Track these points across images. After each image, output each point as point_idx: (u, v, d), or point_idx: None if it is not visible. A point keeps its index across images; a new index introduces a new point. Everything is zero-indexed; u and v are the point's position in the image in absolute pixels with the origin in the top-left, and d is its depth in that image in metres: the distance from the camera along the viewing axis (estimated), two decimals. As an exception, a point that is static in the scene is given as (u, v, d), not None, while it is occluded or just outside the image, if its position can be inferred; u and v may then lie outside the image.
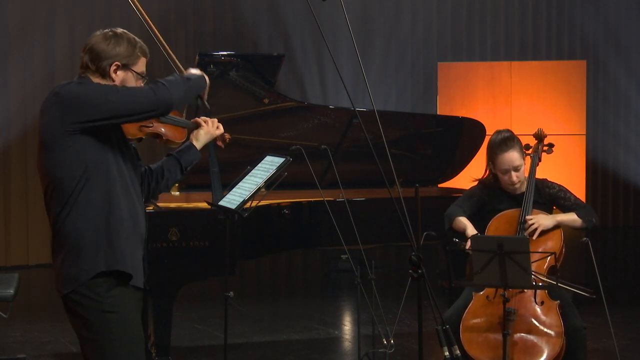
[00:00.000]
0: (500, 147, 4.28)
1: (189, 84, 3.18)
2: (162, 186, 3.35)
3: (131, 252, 3.01)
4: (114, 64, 3.02)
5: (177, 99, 3.06)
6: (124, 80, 3.04)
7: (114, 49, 3.02)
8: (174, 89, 3.05)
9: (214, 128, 3.45)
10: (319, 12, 2.91)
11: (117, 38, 3.06)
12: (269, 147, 5.21)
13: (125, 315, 2.97)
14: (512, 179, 4.28)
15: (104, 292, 2.92)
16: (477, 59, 8.93)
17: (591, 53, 9.07)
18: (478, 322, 4.01)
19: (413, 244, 2.78)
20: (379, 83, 8.99)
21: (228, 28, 8.91)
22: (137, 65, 3.08)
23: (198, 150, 3.39)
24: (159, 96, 2.98)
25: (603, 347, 5.62)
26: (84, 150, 2.91)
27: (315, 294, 8.29)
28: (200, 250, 4.57)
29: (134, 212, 3.04)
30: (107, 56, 3.01)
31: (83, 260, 2.91)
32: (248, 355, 5.75)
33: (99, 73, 3.02)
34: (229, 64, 5.07)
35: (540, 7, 9.18)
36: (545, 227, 4.17)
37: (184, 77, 3.19)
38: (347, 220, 4.55)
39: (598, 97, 9.02)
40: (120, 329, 2.95)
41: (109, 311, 2.93)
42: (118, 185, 2.98)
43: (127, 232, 2.99)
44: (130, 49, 3.06)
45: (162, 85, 3.02)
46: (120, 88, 2.99)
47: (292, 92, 8.13)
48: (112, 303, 2.93)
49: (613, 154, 9.07)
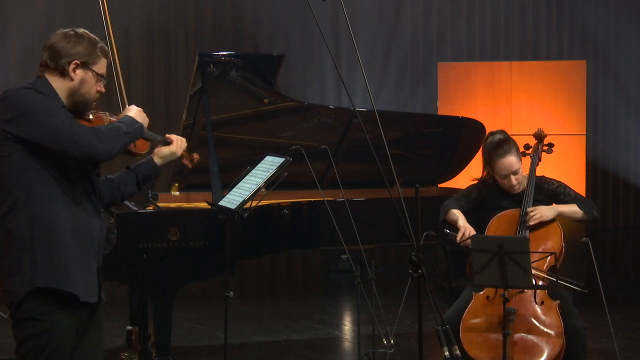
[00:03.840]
0: (497, 152, 4.26)
1: (126, 139, 3.07)
2: (117, 199, 3.31)
3: (80, 267, 2.96)
4: (74, 62, 3.00)
5: (104, 154, 2.97)
6: (83, 80, 3.02)
7: (74, 48, 3.01)
8: (109, 143, 2.97)
9: (180, 148, 3.38)
10: (319, 12, 2.90)
11: (78, 37, 3.03)
12: (269, 147, 5.22)
13: (55, 334, 2.92)
14: (511, 183, 4.28)
15: (37, 309, 2.88)
16: (477, 59, 8.92)
17: (591, 53, 9.06)
18: (478, 322, 4.01)
19: (413, 244, 2.78)
20: (379, 83, 8.98)
21: (228, 28, 8.90)
22: (98, 66, 3.06)
23: (158, 166, 3.32)
24: (93, 144, 2.90)
25: (603, 347, 5.62)
26: (24, 159, 2.88)
27: (315, 294, 8.30)
28: (200, 250, 4.57)
29: (85, 225, 3.00)
30: (67, 54, 2.99)
31: (20, 274, 2.88)
32: (248, 355, 5.76)
33: (57, 71, 3.00)
34: (229, 64, 5.07)
35: (540, 7, 9.17)
36: (547, 217, 4.18)
37: (125, 131, 3.07)
38: (347, 220, 4.55)
39: (598, 97, 9.01)
40: (46, 350, 2.90)
41: (40, 332, 2.89)
42: (65, 197, 2.94)
43: (75, 247, 2.94)
44: (90, 48, 3.04)
45: (102, 134, 2.95)
46: (64, 119, 2.90)
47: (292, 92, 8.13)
48: (44, 322, 2.89)
49: (613, 154, 9.06)
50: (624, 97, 9.08)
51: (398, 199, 2.80)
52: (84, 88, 3.04)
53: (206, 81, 4.97)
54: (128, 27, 8.40)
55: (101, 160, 3.01)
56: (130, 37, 8.30)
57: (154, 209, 4.85)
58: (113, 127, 3.04)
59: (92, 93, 3.08)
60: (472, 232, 4.19)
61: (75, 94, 3.03)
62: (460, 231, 4.20)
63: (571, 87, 7.80)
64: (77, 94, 3.04)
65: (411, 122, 6.01)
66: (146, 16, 8.54)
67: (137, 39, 8.39)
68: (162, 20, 8.59)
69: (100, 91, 3.11)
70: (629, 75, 9.06)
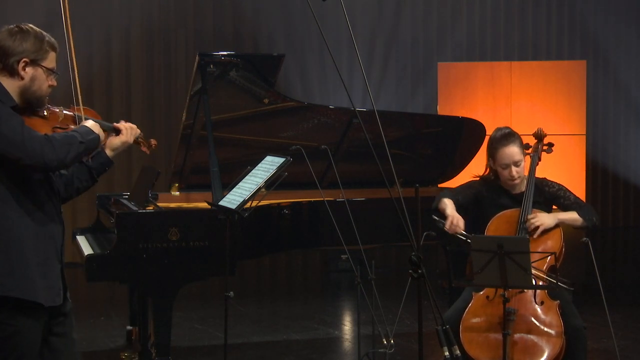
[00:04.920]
0: (501, 142, 4.30)
1: (80, 149, 2.99)
2: (72, 194, 3.24)
3: (41, 272, 2.94)
4: (22, 60, 2.93)
5: (57, 163, 2.90)
6: (34, 78, 2.96)
7: (21, 45, 2.93)
8: (62, 152, 2.89)
9: (132, 136, 3.29)
10: (320, 12, 2.90)
11: (23, 33, 2.96)
12: (269, 147, 5.21)
13: (24, 336, 2.91)
14: (512, 174, 4.29)
15: (2, 314, 2.87)
16: (477, 59, 8.93)
17: (591, 53, 9.07)
18: (478, 322, 4.01)
19: (413, 244, 2.78)
20: (379, 83, 8.98)
21: (228, 28, 8.91)
22: (47, 61, 2.99)
23: (110, 157, 3.24)
24: (44, 152, 2.83)
25: (603, 347, 5.62)
26: None
27: (315, 294, 8.29)
28: (200, 250, 4.57)
29: (47, 229, 2.97)
30: (14, 52, 2.92)
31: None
32: (248, 355, 5.75)
33: (7, 71, 2.94)
34: (229, 64, 5.07)
35: (540, 7, 9.18)
36: (547, 225, 4.18)
37: (80, 141, 2.99)
38: (347, 220, 4.55)
39: (598, 97, 9.02)
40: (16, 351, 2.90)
41: (9, 335, 2.89)
42: (26, 203, 2.90)
43: (37, 253, 2.92)
44: (37, 44, 2.96)
45: (55, 142, 2.88)
46: (15, 125, 2.83)
47: (292, 92, 8.13)
48: (10, 326, 2.88)
49: (613, 154, 9.06)
50: (624, 97, 9.09)
51: (398, 199, 2.79)
52: (35, 85, 2.98)
53: (206, 81, 4.97)
54: (128, 27, 8.41)
55: (53, 169, 2.94)
56: (130, 37, 8.30)
57: (154, 209, 4.85)
58: (67, 135, 2.97)
59: (44, 89, 3.01)
60: (460, 221, 4.20)
61: (26, 92, 2.97)
62: (448, 219, 4.21)
63: (571, 87, 7.81)
64: (28, 92, 2.98)
65: (411, 122, 6.01)
66: (146, 16, 8.54)
67: (137, 39, 8.39)
68: (162, 20, 8.60)
69: (52, 85, 3.04)
70: (629, 75, 9.06)
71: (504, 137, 4.32)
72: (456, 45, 9.11)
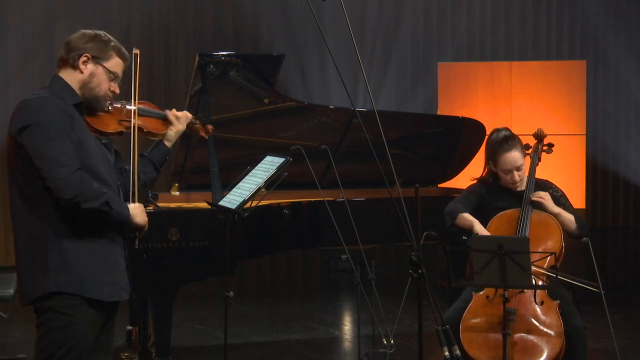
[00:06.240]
0: (502, 147, 4.28)
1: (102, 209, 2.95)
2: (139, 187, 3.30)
3: (104, 269, 3.00)
4: (84, 55, 3.07)
5: (69, 203, 2.87)
6: (93, 74, 3.08)
7: (86, 43, 3.09)
8: (80, 196, 2.87)
9: (183, 124, 3.45)
10: (320, 12, 2.90)
11: (92, 35, 3.13)
12: (269, 147, 5.22)
13: (78, 329, 2.95)
14: (514, 179, 4.30)
15: (62, 303, 2.92)
16: (477, 59, 8.92)
17: (591, 53, 9.06)
18: (478, 322, 4.01)
19: (413, 244, 2.78)
20: (379, 83, 8.98)
21: (228, 28, 8.90)
22: (109, 63, 3.11)
23: (169, 148, 3.43)
24: (63, 188, 2.85)
25: (603, 347, 5.63)
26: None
27: (315, 294, 8.30)
28: (200, 250, 4.57)
29: (110, 225, 3.03)
30: (77, 47, 3.08)
31: (34, 277, 2.93)
32: (248, 355, 5.76)
33: (69, 64, 3.08)
34: (229, 64, 5.07)
35: (540, 7, 9.17)
36: (550, 206, 4.22)
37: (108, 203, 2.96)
38: (347, 220, 4.55)
39: (598, 97, 9.01)
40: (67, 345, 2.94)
41: (63, 325, 2.93)
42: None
43: (98, 250, 2.98)
44: (101, 45, 3.11)
45: (83, 185, 2.89)
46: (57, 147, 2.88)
47: (292, 92, 8.13)
48: (67, 316, 2.93)
49: (613, 154, 9.05)
50: (624, 97, 9.08)
51: (398, 199, 2.79)
52: (93, 82, 3.09)
53: (206, 81, 4.97)
54: (128, 27, 8.40)
55: (64, 203, 2.90)
56: (130, 37, 8.30)
57: (154, 209, 4.85)
58: (100, 190, 2.95)
59: (103, 89, 3.11)
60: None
61: (85, 87, 3.08)
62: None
63: (571, 87, 7.81)
64: (86, 87, 3.08)
65: (411, 122, 6.01)
66: (146, 16, 8.54)
67: (137, 39, 8.39)
68: (162, 20, 8.59)
69: (114, 91, 3.16)
70: (629, 75, 9.05)
71: (505, 142, 4.30)
72: (456, 45, 9.10)
